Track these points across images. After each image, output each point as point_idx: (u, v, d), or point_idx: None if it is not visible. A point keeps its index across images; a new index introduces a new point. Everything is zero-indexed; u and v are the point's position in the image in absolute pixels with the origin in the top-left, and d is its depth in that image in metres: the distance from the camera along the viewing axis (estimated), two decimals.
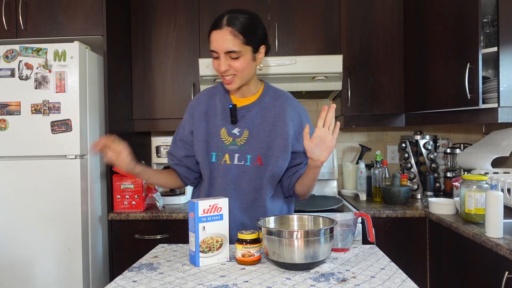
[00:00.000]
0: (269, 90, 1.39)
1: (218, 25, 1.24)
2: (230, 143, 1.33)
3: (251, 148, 1.32)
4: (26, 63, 1.90)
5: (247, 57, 1.25)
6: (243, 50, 1.23)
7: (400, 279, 0.99)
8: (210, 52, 1.26)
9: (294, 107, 1.36)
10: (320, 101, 2.74)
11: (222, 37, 1.22)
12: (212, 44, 1.25)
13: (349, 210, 2.05)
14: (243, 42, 1.23)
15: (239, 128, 1.34)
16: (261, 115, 1.34)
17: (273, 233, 1.04)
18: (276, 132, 1.31)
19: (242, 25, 1.24)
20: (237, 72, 1.25)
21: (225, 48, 1.22)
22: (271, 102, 1.35)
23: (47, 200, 1.90)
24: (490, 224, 1.43)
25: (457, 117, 2.01)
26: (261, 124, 1.33)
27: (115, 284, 0.99)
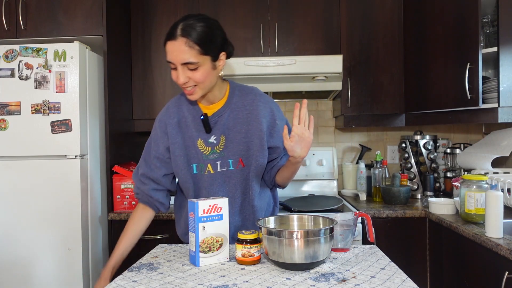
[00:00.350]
0: (235, 90, 1.35)
1: (173, 35, 1.16)
2: (210, 153, 1.31)
3: (231, 152, 1.31)
4: (26, 63, 1.90)
5: (206, 67, 1.19)
6: (200, 60, 1.17)
7: (400, 279, 0.99)
8: (168, 62, 1.21)
9: (265, 103, 1.33)
10: (320, 101, 2.75)
11: (177, 48, 1.15)
12: (167, 55, 1.19)
13: (349, 210, 2.05)
14: (200, 53, 1.16)
15: (215, 136, 1.31)
16: (233, 117, 1.31)
17: (273, 233, 1.04)
18: (251, 132, 1.30)
19: (198, 34, 1.15)
20: (197, 83, 1.20)
21: (181, 59, 1.16)
22: (240, 102, 1.33)
23: (47, 200, 1.90)
24: (490, 224, 1.43)
25: (457, 117, 2.01)
26: (235, 126, 1.31)
27: (115, 284, 0.99)
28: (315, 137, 2.74)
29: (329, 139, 2.74)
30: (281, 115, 1.38)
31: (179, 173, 1.35)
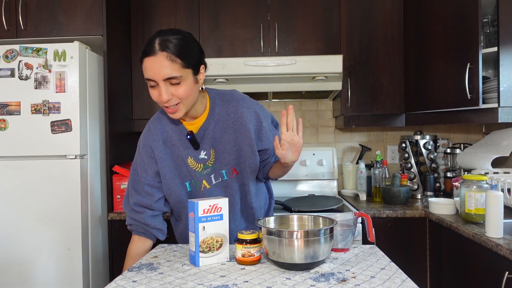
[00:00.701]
0: (216, 99, 1.30)
1: (151, 51, 1.10)
2: (203, 169, 1.29)
3: (223, 163, 1.29)
4: (26, 63, 1.90)
5: (188, 81, 1.14)
6: (183, 74, 1.12)
7: (400, 279, 0.99)
8: (146, 80, 1.14)
9: (248, 108, 1.29)
10: (320, 101, 2.74)
11: (158, 63, 1.09)
12: (147, 73, 1.11)
13: (349, 210, 2.05)
14: (182, 66, 1.12)
15: (205, 150, 1.28)
16: (219, 128, 1.28)
17: (273, 233, 1.04)
18: (240, 139, 1.28)
19: (177, 47, 1.11)
20: (181, 99, 1.14)
21: (164, 75, 1.09)
22: (223, 111, 1.28)
23: (47, 200, 1.90)
24: (490, 224, 1.43)
25: (457, 117, 2.01)
26: (223, 137, 1.28)
27: (115, 284, 0.99)
28: (315, 137, 2.74)
29: (329, 139, 2.74)
30: (265, 114, 1.35)
31: (172, 195, 1.32)
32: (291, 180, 2.59)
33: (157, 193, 1.33)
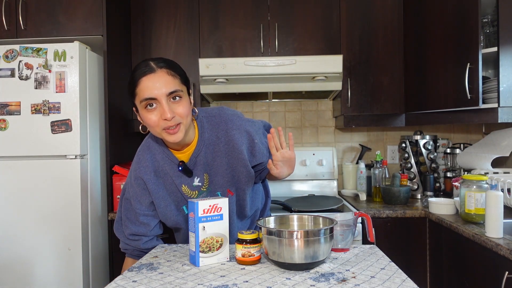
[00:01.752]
0: (204, 123, 1.26)
1: (149, 70, 1.08)
2: (197, 195, 1.28)
3: (218, 185, 1.28)
4: (26, 63, 1.90)
5: (186, 99, 1.13)
6: (183, 90, 1.12)
7: (400, 279, 0.99)
8: (143, 102, 1.08)
9: (239, 128, 1.25)
10: (320, 101, 2.75)
11: (160, 79, 1.07)
12: (147, 92, 1.07)
13: (349, 210, 2.05)
14: (181, 81, 1.12)
15: (198, 177, 1.26)
16: (211, 152, 1.25)
17: (273, 233, 1.04)
18: (233, 162, 1.25)
19: (172, 64, 1.13)
20: (182, 118, 1.11)
21: (168, 89, 1.07)
22: (213, 135, 1.25)
23: (47, 200, 1.90)
24: (490, 224, 1.43)
25: (457, 117, 2.01)
26: (215, 160, 1.25)
27: (115, 284, 0.99)
28: (315, 137, 2.74)
29: (329, 139, 2.74)
30: (256, 129, 1.32)
31: (168, 220, 1.31)
32: (291, 180, 2.59)
33: (153, 221, 1.31)
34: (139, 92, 1.09)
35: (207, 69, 2.14)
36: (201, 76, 2.19)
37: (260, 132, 1.35)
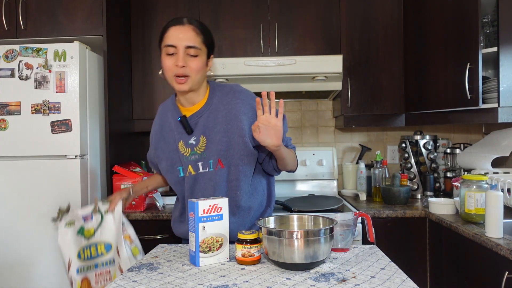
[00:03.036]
0: (216, 90, 1.35)
1: (179, 21, 1.25)
2: (190, 154, 1.33)
3: (212, 153, 1.31)
4: (26, 63, 1.90)
5: (203, 58, 1.27)
6: (202, 49, 1.26)
7: (400, 279, 0.99)
8: (165, 47, 1.25)
9: (244, 100, 1.31)
10: (320, 101, 2.74)
11: (185, 32, 1.23)
12: (170, 39, 1.23)
13: (349, 210, 2.05)
14: (202, 41, 1.26)
15: (194, 137, 1.32)
16: (213, 117, 1.31)
17: (273, 233, 1.04)
18: (231, 130, 1.29)
19: (202, 26, 1.28)
20: (191, 72, 1.24)
21: (187, 42, 1.22)
22: (220, 102, 1.32)
23: (47, 200, 1.90)
24: (490, 224, 1.43)
25: (457, 117, 2.01)
26: (215, 127, 1.30)
27: (115, 284, 0.99)
28: (315, 137, 2.74)
29: (329, 139, 2.74)
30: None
31: (166, 176, 1.42)
32: (291, 180, 2.59)
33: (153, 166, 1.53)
34: (164, 38, 1.26)
35: None
36: None
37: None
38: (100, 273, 1.31)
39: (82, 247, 1.33)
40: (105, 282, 1.29)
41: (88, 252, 1.33)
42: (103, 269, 1.32)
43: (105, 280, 1.30)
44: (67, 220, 1.36)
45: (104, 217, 1.35)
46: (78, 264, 1.32)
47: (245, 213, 1.37)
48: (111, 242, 1.32)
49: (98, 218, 1.36)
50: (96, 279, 1.30)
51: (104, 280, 1.30)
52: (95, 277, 1.30)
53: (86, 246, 1.34)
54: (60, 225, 1.36)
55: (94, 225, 1.35)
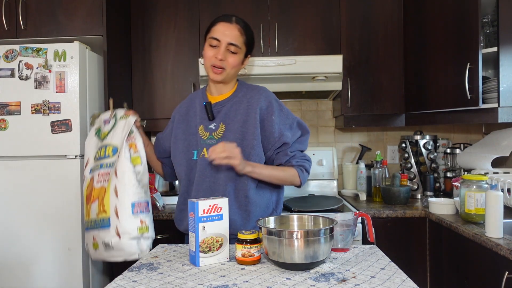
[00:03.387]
0: (243, 86, 1.47)
1: (228, 19, 1.36)
2: (208, 138, 1.40)
3: (228, 140, 1.36)
4: (26, 63, 1.90)
5: (240, 56, 1.38)
6: (242, 48, 1.37)
7: (400, 279, 0.99)
8: (210, 39, 1.35)
9: (266, 97, 1.41)
10: (320, 101, 2.75)
11: (231, 30, 1.34)
12: (216, 33, 1.34)
13: (349, 210, 2.05)
14: (244, 42, 1.37)
15: (215, 123, 1.41)
16: (235, 108, 1.41)
17: (273, 233, 1.04)
18: (248, 122, 1.37)
19: (247, 28, 1.39)
20: (228, 67, 1.36)
21: (231, 40, 1.33)
22: (244, 96, 1.43)
23: (47, 200, 1.90)
24: (490, 224, 1.43)
25: (457, 117, 2.01)
26: (235, 117, 1.39)
27: (115, 284, 0.99)
28: (315, 137, 2.74)
29: (329, 139, 2.74)
30: (283, 113, 1.41)
31: (177, 155, 1.44)
32: None
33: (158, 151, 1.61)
34: (212, 30, 1.36)
35: None
36: (201, 76, 2.19)
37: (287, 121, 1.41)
38: (102, 174, 1.33)
39: (98, 148, 1.37)
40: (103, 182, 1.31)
41: (99, 153, 1.36)
42: (105, 170, 1.33)
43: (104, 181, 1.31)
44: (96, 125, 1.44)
45: (118, 122, 1.39)
46: (92, 164, 1.36)
47: (252, 207, 1.37)
48: (117, 145, 1.35)
49: (112, 122, 1.41)
50: (98, 179, 1.32)
51: (103, 181, 1.32)
52: (97, 177, 1.32)
53: (100, 147, 1.37)
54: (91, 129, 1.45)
55: (109, 127, 1.39)
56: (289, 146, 1.39)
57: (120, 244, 1.25)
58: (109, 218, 1.26)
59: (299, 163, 1.40)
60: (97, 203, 1.30)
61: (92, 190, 1.32)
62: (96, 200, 1.30)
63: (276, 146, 1.38)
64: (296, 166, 1.39)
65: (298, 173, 1.39)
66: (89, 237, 1.35)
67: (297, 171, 1.38)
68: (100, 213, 1.27)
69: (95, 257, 1.36)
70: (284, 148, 1.39)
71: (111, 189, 1.29)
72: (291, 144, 1.39)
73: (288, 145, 1.38)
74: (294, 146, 1.41)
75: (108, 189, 1.29)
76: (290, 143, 1.39)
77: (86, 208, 1.34)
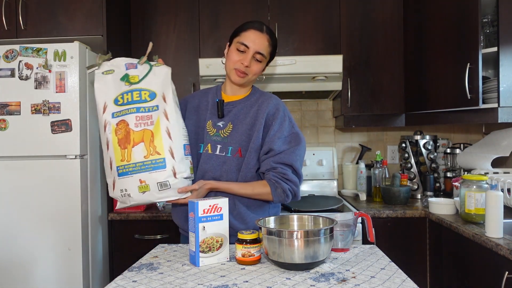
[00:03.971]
0: (257, 91, 1.50)
1: (260, 27, 1.38)
2: (214, 134, 1.41)
3: (234, 141, 1.39)
4: (26, 63, 1.90)
5: (264, 65, 1.43)
6: (267, 57, 1.41)
7: (400, 279, 0.99)
8: (239, 43, 1.37)
9: (276, 104, 1.43)
10: (320, 101, 2.74)
11: (261, 40, 1.37)
12: (246, 40, 1.36)
13: (349, 210, 2.05)
14: (269, 53, 1.42)
15: (224, 122, 1.42)
16: (245, 111, 1.43)
17: (273, 233, 1.04)
18: (255, 126, 1.39)
19: (274, 38, 1.43)
20: (250, 73, 1.39)
21: (259, 49, 1.37)
22: (256, 100, 1.45)
23: (47, 200, 1.90)
24: (490, 224, 1.43)
25: (457, 117, 2.01)
26: (244, 119, 1.41)
27: (115, 284, 0.99)
28: (315, 137, 2.74)
29: (329, 139, 2.74)
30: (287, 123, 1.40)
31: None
32: None
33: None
34: (242, 35, 1.38)
35: (207, 69, 2.15)
36: (201, 76, 2.19)
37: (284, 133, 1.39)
38: (141, 117, 1.31)
39: (122, 92, 1.33)
40: (145, 126, 1.29)
41: (128, 96, 1.33)
42: (145, 114, 1.31)
43: (146, 124, 1.30)
44: (105, 68, 1.37)
45: (153, 68, 1.37)
46: (114, 108, 1.32)
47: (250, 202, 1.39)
48: (155, 91, 1.34)
49: (145, 67, 1.37)
50: (136, 122, 1.29)
51: (144, 124, 1.30)
52: (135, 120, 1.30)
53: (127, 91, 1.33)
54: (98, 72, 1.37)
55: (140, 73, 1.36)
56: (274, 156, 1.34)
57: (178, 183, 1.27)
58: (164, 158, 1.26)
59: (275, 179, 1.33)
60: (143, 146, 1.28)
61: (129, 133, 1.29)
62: (141, 143, 1.28)
63: (264, 151, 1.36)
64: (270, 181, 1.33)
65: (271, 188, 1.33)
66: (132, 181, 1.28)
67: (270, 187, 1.33)
68: (151, 155, 1.27)
69: (139, 200, 1.30)
70: (269, 157, 1.35)
71: (162, 131, 1.30)
72: (276, 152, 1.34)
73: (274, 152, 1.34)
74: (279, 157, 1.34)
75: (157, 131, 1.29)
76: (276, 150, 1.34)
77: (120, 153, 1.29)
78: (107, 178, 1.35)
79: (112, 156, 1.29)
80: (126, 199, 1.30)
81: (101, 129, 1.33)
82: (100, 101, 1.34)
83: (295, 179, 1.36)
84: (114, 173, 1.29)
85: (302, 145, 1.40)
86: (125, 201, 1.31)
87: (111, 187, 1.32)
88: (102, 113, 1.33)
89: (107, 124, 1.31)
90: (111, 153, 1.30)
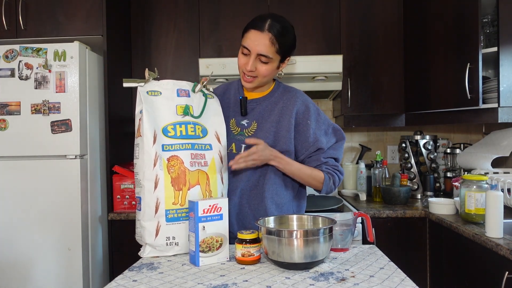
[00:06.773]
0: (280, 87, 1.42)
1: (260, 26, 1.25)
2: (238, 133, 1.37)
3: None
4: (26, 63, 1.91)
5: (273, 65, 1.30)
6: (274, 57, 1.28)
7: (399, 278, 0.99)
8: (242, 47, 1.29)
9: (303, 101, 1.38)
10: (320, 101, 2.74)
11: (261, 40, 1.25)
12: (247, 42, 1.27)
13: (349, 210, 2.05)
14: (276, 51, 1.27)
15: (248, 120, 1.38)
16: (270, 108, 1.37)
17: (272, 232, 1.04)
18: (281, 123, 1.34)
19: (281, 35, 1.26)
20: (259, 75, 1.30)
21: (260, 51, 1.25)
22: (280, 96, 1.39)
23: (47, 200, 1.90)
24: (490, 224, 1.43)
25: (457, 117, 2.01)
26: (269, 117, 1.36)
27: (116, 284, 0.99)
28: None
29: None
30: (321, 118, 1.38)
31: None
32: None
33: None
34: (244, 37, 1.29)
35: (207, 69, 2.15)
36: (201, 76, 2.18)
37: (323, 126, 1.38)
38: (195, 155, 1.16)
39: (173, 123, 1.16)
40: (199, 166, 1.15)
41: (182, 129, 1.17)
42: (199, 152, 1.18)
43: (199, 164, 1.16)
44: (151, 88, 1.21)
45: (208, 99, 1.27)
46: (163, 140, 1.16)
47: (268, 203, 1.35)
48: (207, 127, 1.23)
49: (200, 97, 1.25)
50: (192, 161, 1.14)
51: (198, 164, 1.16)
52: (190, 158, 1.14)
53: (181, 123, 1.17)
54: (142, 90, 1.21)
55: (193, 103, 1.23)
56: (323, 152, 1.35)
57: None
58: None
59: (329, 171, 1.35)
60: (199, 189, 1.15)
61: (185, 172, 1.14)
62: (197, 185, 1.15)
63: (310, 151, 1.35)
64: (325, 172, 1.35)
65: (325, 178, 1.34)
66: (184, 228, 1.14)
67: (325, 177, 1.34)
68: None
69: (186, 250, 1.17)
70: (318, 154, 1.35)
71: (217, 175, 1.20)
72: (325, 149, 1.36)
73: (323, 150, 1.35)
74: (328, 152, 1.36)
75: (213, 174, 1.18)
76: (325, 148, 1.35)
77: (174, 194, 1.13)
78: (143, 221, 1.15)
79: (161, 197, 1.14)
80: (170, 248, 1.16)
81: (149, 162, 1.15)
82: (149, 128, 1.18)
83: (343, 171, 1.40)
84: (161, 217, 1.13)
85: (345, 139, 1.43)
86: (168, 250, 1.16)
87: (153, 233, 1.14)
88: (152, 143, 1.16)
89: (157, 157, 1.14)
90: (159, 193, 1.14)
